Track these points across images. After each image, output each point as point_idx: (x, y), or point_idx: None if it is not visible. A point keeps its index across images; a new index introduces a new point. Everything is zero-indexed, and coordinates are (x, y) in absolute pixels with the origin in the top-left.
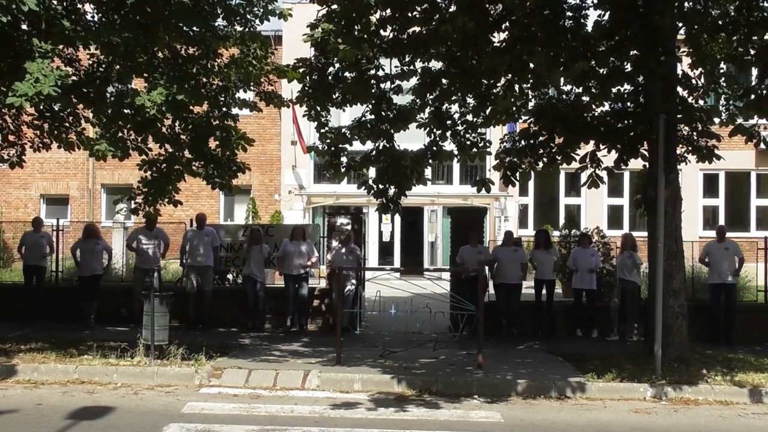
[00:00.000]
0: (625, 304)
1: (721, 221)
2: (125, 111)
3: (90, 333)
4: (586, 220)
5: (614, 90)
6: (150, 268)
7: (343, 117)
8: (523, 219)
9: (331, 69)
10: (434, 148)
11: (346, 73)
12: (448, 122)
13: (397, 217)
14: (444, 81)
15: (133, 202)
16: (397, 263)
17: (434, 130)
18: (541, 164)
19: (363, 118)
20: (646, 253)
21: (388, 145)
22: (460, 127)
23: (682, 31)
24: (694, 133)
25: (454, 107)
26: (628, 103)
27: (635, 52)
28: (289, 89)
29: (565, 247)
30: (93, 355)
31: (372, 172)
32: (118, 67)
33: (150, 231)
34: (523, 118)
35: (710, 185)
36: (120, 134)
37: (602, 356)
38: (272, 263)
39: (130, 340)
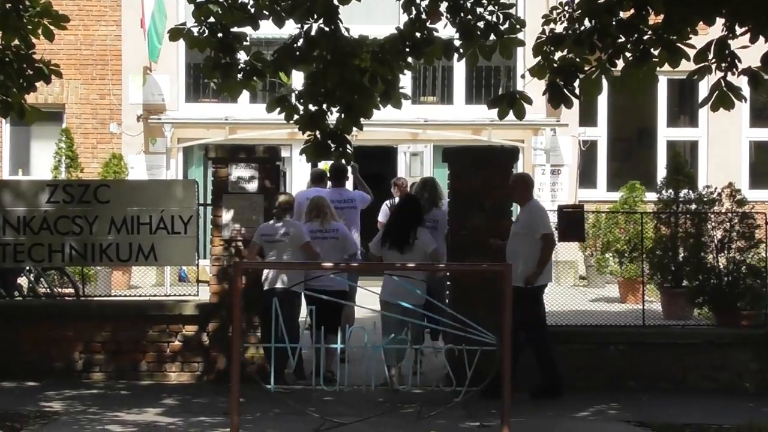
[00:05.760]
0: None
1: None
2: None
3: None
4: (707, 169)
5: None
6: None
7: None
8: (589, 168)
9: None
10: (417, 34)
11: None
12: None
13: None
14: None
15: None
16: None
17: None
18: (620, 63)
19: None
20: None
21: (327, 29)
22: None
23: None
24: None
25: None
26: None
27: None
28: None
29: (669, 222)
30: None
31: (298, 80)
32: None
33: None
34: None
35: None
36: None
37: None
38: None
39: None
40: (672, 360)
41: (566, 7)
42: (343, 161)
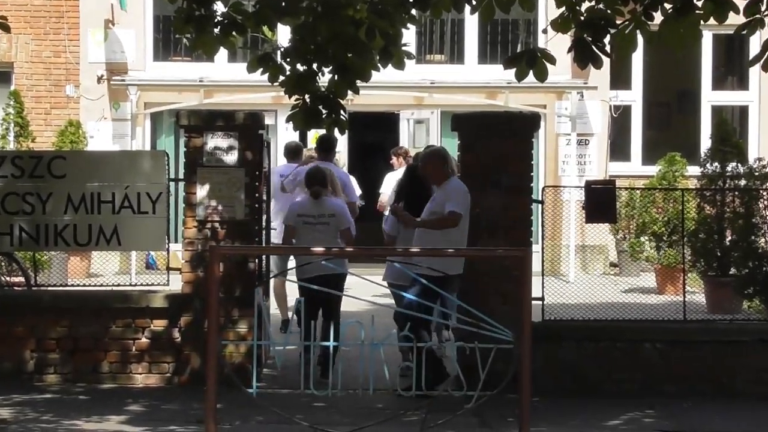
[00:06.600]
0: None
1: None
2: None
3: None
4: (759, 139)
5: None
6: None
7: None
8: (622, 138)
9: None
10: None
11: None
12: None
13: (344, 137)
14: None
15: None
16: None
17: None
18: (658, 16)
19: None
20: None
21: None
22: None
23: None
24: None
25: None
26: None
27: None
28: None
29: (714, 200)
30: None
31: (284, 35)
32: None
33: None
34: None
35: None
36: None
37: None
38: None
39: None
40: (717, 360)
41: None
42: (337, 130)
